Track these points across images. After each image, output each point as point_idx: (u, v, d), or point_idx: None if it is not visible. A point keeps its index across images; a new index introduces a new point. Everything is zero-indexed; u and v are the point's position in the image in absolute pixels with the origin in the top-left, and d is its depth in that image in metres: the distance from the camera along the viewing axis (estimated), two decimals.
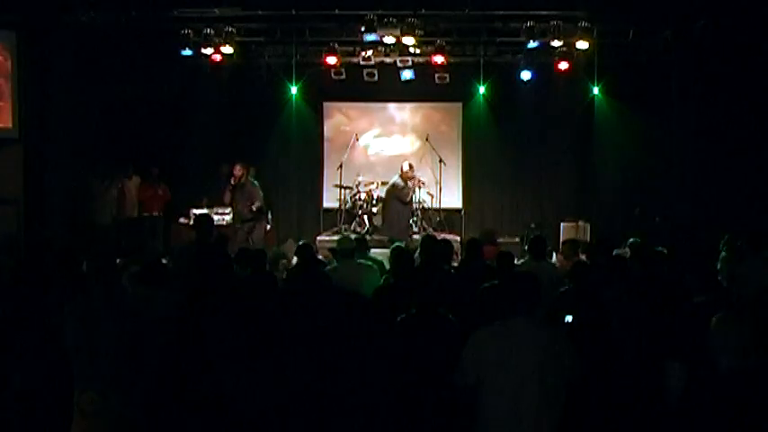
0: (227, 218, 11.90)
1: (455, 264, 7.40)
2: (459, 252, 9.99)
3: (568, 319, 5.22)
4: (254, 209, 11.24)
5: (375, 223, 12.40)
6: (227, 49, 11.94)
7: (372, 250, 8.56)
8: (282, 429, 4.95)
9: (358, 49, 12.84)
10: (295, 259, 7.65)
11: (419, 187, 12.52)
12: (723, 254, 7.23)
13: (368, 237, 10.94)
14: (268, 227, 12.00)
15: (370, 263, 7.05)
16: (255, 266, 6.70)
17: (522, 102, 13.70)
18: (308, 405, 4.90)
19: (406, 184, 11.73)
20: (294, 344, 5.05)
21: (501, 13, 11.50)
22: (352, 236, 9.16)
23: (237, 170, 11.15)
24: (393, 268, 5.97)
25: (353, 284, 5.93)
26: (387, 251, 7.50)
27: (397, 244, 7.15)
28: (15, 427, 4.78)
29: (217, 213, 11.68)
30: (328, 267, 6.78)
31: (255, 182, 11.62)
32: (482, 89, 13.39)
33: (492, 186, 14.19)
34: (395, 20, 11.42)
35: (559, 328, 4.56)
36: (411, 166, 11.86)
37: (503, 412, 3.82)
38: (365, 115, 14.53)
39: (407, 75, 13.33)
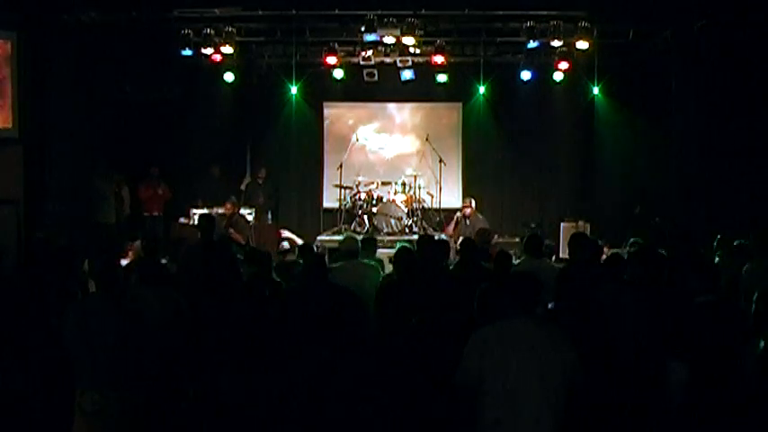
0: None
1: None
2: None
3: (550, 305, 5.21)
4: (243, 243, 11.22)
5: (375, 223, 12.40)
6: (227, 49, 11.92)
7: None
8: (282, 429, 4.95)
9: (358, 49, 12.83)
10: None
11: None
12: (717, 258, 7.19)
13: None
14: None
15: (373, 262, 7.05)
16: (260, 268, 6.69)
17: (522, 102, 13.72)
18: (308, 405, 4.90)
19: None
20: (295, 344, 5.05)
21: (501, 13, 11.48)
22: (359, 236, 9.14)
23: (228, 207, 11.08)
24: (396, 267, 5.97)
25: (357, 283, 5.93)
26: (388, 251, 7.49)
27: (402, 244, 7.16)
28: (16, 427, 4.78)
29: (217, 214, 11.65)
30: (333, 266, 6.78)
31: (249, 218, 11.72)
32: (482, 89, 13.40)
33: (492, 186, 14.19)
34: (395, 20, 11.41)
35: (558, 326, 4.55)
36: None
37: (504, 412, 3.82)
38: (365, 115, 14.53)
39: (407, 75, 13.33)
